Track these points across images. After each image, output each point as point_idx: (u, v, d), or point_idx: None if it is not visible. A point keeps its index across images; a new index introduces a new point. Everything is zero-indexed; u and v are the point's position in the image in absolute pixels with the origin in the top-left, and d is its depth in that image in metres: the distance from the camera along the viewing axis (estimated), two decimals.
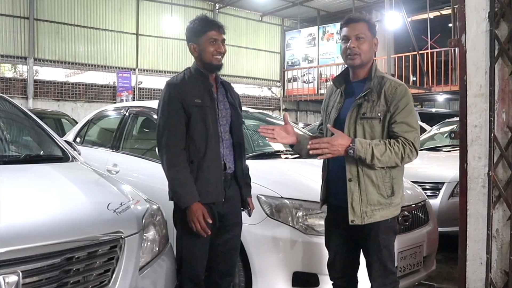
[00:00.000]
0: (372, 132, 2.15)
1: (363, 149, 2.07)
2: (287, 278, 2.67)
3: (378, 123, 2.15)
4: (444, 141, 6.29)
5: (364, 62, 2.21)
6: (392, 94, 2.14)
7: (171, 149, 2.30)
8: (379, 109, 2.14)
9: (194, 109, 2.32)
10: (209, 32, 2.35)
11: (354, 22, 2.21)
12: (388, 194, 2.16)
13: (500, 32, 2.12)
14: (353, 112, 2.18)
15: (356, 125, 2.16)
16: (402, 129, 2.11)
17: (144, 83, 14.65)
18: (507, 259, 2.12)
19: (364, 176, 2.13)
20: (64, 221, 1.88)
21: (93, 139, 4.77)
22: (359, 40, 2.18)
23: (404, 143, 2.10)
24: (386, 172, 2.16)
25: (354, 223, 2.14)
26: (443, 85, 13.20)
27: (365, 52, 2.18)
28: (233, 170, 2.44)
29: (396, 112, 2.12)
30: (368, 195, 2.13)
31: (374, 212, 2.14)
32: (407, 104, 2.13)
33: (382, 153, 2.07)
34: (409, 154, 2.10)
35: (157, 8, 14.57)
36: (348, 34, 2.20)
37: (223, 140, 2.40)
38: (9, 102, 3.11)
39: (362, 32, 2.18)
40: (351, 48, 2.17)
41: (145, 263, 2.07)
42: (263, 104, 16.87)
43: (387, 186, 2.16)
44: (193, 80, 2.39)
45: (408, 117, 2.13)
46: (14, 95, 11.78)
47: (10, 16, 12.04)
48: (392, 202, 2.18)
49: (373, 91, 2.17)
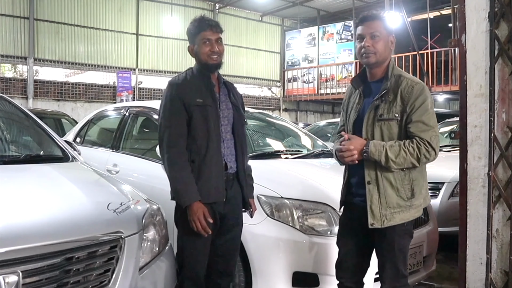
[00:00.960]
0: (389, 133, 2.12)
1: (377, 152, 2.06)
2: (287, 278, 2.67)
3: (395, 124, 2.11)
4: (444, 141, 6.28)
5: (379, 61, 2.17)
6: (409, 94, 2.10)
7: (172, 148, 2.30)
8: (396, 109, 2.11)
9: (195, 108, 2.32)
10: (202, 32, 2.36)
11: (369, 21, 2.17)
12: (408, 196, 2.13)
13: (500, 32, 2.12)
14: (370, 114, 2.16)
15: (374, 127, 2.14)
16: (418, 128, 2.07)
17: (144, 83, 14.66)
18: (507, 259, 2.12)
19: (383, 178, 2.11)
20: (64, 221, 1.88)
21: (93, 139, 4.77)
22: (374, 39, 2.14)
23: (419, 142, 2.06)
24: (405, 174, 2.12)
25: (374, 226, 2.11)
26: (443, 85, 13.19)
27: (381, 51, 2.15)
28: (235, 170, 2.44)
29: (412, 111, 2.08)
30: (388, 198, 2.11)
31: (394, 215, 2.11)
32: (423, 102, 2.08)
33: (396, 154, 2.05)
34: (426, 154, 2.06)
35: (157, 8, 14.57)
36: (363, 33, 2.16)
37: (225, 140, 2.40)
38: (9, 102, 3.11)
39: (377, 30, 2.14)
40: (366, 47, 2.14)
41: (145, 263, 2.07)
42: (263, 104, 16.87)
43: (407, 188, 2.13)
44: (195, 80, 2.39)
45: (424, 115, 2.08)
46: (14, 95, 11.78)
47: (10, 16, 12.04)
48: (412, 204, 2.13)
49: (390, 91, 2.13)
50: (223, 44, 2.43)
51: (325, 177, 3.21)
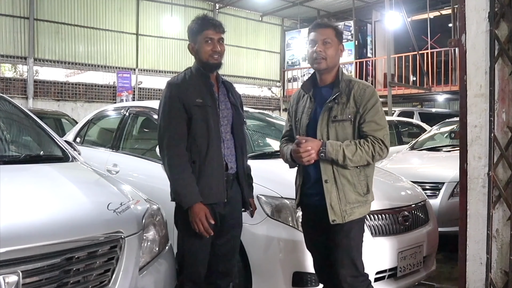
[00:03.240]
0: (344, 133, 2.22)
1: (334, 151, 2.15)
2: (287, 278, 2.67)
3: (349, 124, 2.22)
4: (444, 141, 6.29)
5: (330, 66, 2.27)
6: (361, 96, 2.22)
7: (172, 149, 2.29)
8: (349, 111, 2.22)
9: (195, 109, 2.31)
10: (205, 31, 2.35)
11: (321, 28, 2.28)
12: (364, 191, 2.25)
13: (500, 32, 2.12)
14: (324, 116, 2.24)
15: (328, 128, 2.23)
16: (371, 128, 2.19)
17: (144, 83, 14.65)
18: (507, 259, 2.12)
19: (340, 176, 2.20)
20: (64, 221, 1.88)
21: (93, 139, 4.77)
22: (325, 45, 2.24)
23: (374, 141, 2.17)
24: (360, 171, 2.23)
25: (335, 223, 2.19)
26: (443, 85, 13.19)
27: (331, 57, 2.25)
28: (235, 171, 2.43)
29: (365, 112, 2.20)
30: (346, 194, 2.20)
31: (353, 210, 2.21)
32: (375, 104, 2.22)
33: (353, 153, 2.15)
34: (379, 152, 2.18)
35: (157, 8, 14.56)
36: (315, 39, 2.27)
37: (224, 140, 2.40)
38: (9, 102, 3.11)
39: (329, 37, 2.25)
40: (318, 52, 2.24)
41: (145, 263, 2.07)
42: (263, 104, 16.86)
43: (363, 184, 2.25)
44: (194, 80, 2.38)
45: (376, 115, 2.21)
46: (14, 95, 11.77)
47: (10, 16, 12.03)
48: (367, 200, 2.27)
49: (343, 94, 2.24)
50: (224, 44, 2.42)
51: None
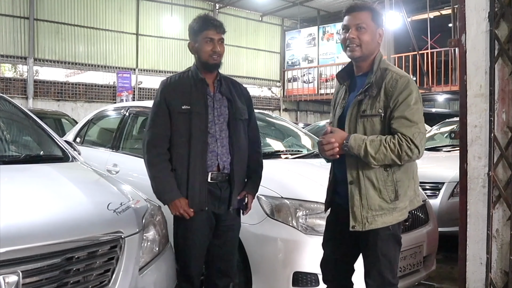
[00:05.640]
0: (373, 130, 2.01)
1: (357, 146, 1.95)
2: (287, 278, 2.66)
3: (379, 120, 2.00)
4: (444, 141, 6.29)
5: (365, 54, 2.05)
6: (393, 88, 1.98)
7: (152, 149, 2.35)
8: (379, 105, 1.99)
9: (179, 116, 2.33)
10: (206, 31, 2.35)
11: (356, 11, 2.04)
12: (391, 198, 2.01)
13: (500, 32, 2.12)
14: (353, 110, 2.05)
15: (356, 124, 2.04)
16: (400, 124, 1.94)
17: (144, 83, 14.65)
18: (507, 259, 2.12)
19: (365, 178, 2.00)
20: (64, 221, 1.88)
21: (93, 139, 4.77)
22: (359, 30, 2.02)
23: (401, 139, 1.92)
24: (388, 175, 2.00)
25: (355, 229, 2.02)
26: (443, 85, 13.19)
27: (367, 43, 2.02)
28: (229, 169, 2.39)
29: (396, 107, 1.96)
30: (369, 200, 2.00)
31: (375, 218, 2.00)
32: (407, 96, 1.95)
33: (376, 150, 1.92)
34: (407, 151, 1.92)
35: (157, 8, 14.57)
36: (348, 24, 2.05)
37: (218, 139, 2.37)
38: (9, 102, 3.11)
39: (364, 21, 2.02)
40: (350, 38, 2.03)
41: (145, 263, 2.06)
42: (263, 104, 16.86)
43: (390, 190, 2.01)
44: (187, 84, 2.38)
45: (407, 110, 1.95)
46: (14, 95, 11.78)
47: (10, 16, 12.04)
48: (396, 207, 2.01)
49: (373, 86, 2.02)
50: (224, 44, 2.42)
51: (325, 177, 3.19)
